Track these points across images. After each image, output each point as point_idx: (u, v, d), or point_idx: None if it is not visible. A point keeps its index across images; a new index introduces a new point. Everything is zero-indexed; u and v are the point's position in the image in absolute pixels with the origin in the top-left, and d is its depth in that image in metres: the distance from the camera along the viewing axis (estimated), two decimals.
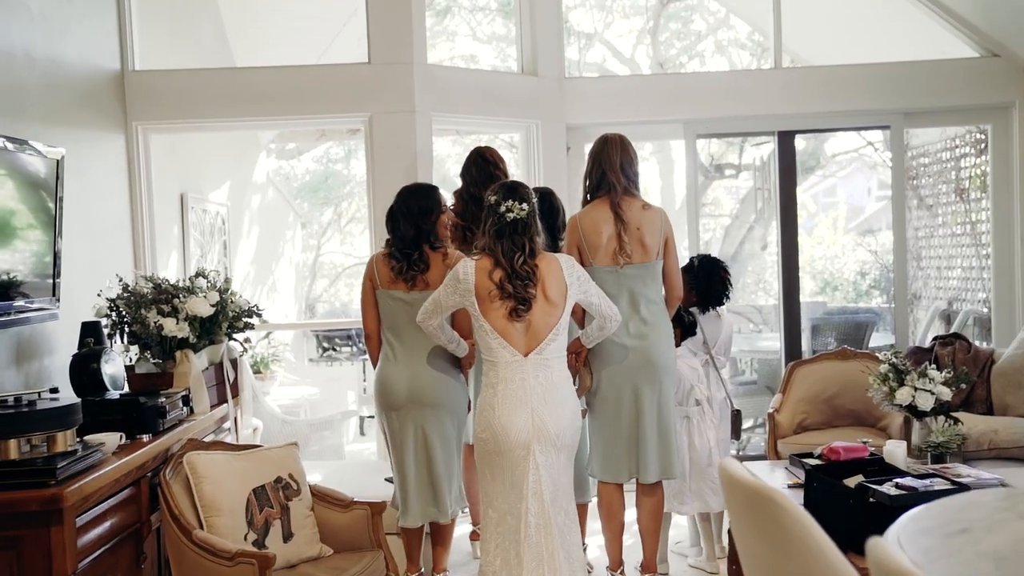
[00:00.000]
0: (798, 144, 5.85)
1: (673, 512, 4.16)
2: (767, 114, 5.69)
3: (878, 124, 6.08)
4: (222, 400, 4.16)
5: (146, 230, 4.93)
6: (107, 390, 3.48)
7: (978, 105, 5.73)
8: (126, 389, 3.71)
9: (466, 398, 3.77)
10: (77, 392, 3.46)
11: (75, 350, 3.60)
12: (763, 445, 5.90)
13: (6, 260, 3.23)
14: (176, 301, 3.81)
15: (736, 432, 4.32)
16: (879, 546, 1.19)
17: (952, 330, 6.13)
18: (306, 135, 9.31)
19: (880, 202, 11.54)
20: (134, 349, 3.86)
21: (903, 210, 5.89)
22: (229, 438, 4.12)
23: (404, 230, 3.62)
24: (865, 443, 3.68)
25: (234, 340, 4.21)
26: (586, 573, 3.51)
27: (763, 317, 8.77)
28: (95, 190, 4.44)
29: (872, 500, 3.03)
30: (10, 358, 3.48)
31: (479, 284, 3.22)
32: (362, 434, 8.43)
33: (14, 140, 3.26)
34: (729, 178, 10.48)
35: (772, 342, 7.20)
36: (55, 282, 3.54)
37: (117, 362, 3.65)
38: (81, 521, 2.68)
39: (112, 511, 2.91)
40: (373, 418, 7.04)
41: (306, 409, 6.88)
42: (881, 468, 3.40)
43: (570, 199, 5.08)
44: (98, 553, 2.79)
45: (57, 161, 3.52)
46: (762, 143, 8.54)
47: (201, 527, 3.06)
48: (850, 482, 3.19)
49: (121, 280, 3.89)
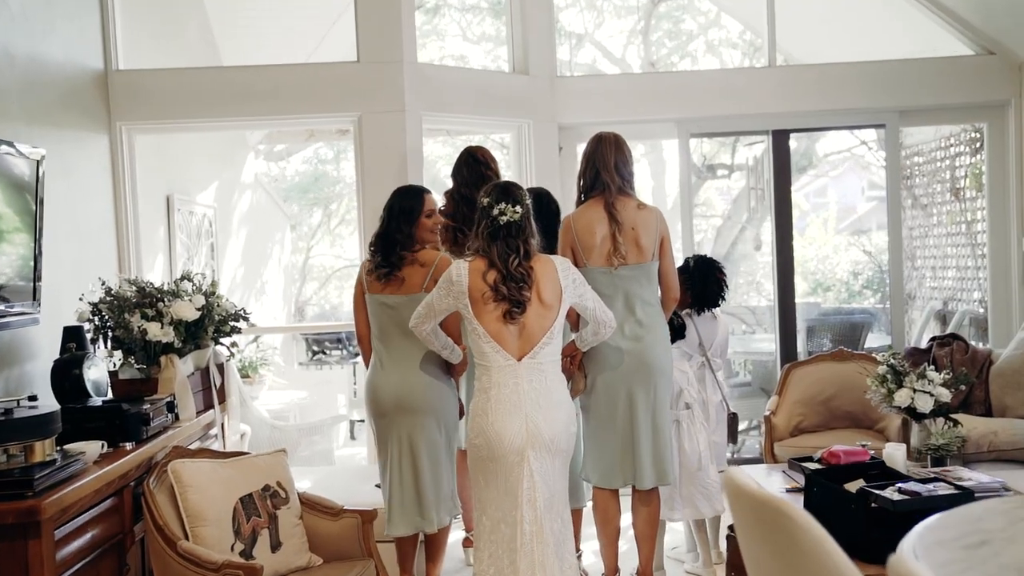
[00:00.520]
0: (791, 144, 5.79)
1: (664, 519, 4.08)
2: (761, 113, 5.63)
3: (873, 123, 6.03)
4: (208, 406, 4.08)
5: (131, 232, 4.84)
6: (90, 396, 3.39)
7: (974, 103, 5.68)
8: (109, 395, 3.62)
9: (456, 403, 3.69)
10: (59, 399, 3.36)
11: (57, 355, 3.51)
12: (758, 448, 5.85)
13: None
14: (160, 305, 3.73)
15: (733, 436, 4.25)
16: (903, 562, 1.11)
17: (948, 330, 6.09)
18: (295, 136, 9.22)
19: (872, 202, 11.53)
20: (117, 354, 3.76)
21: (898, 210, 5.84)
22: (216, 445, 4.03)
23: (385, 225, 3.63)
24: (864, 446, 3.62)
25: (220, 344, 4.12)
26: None
27: (756, 318, 8.72)
28: (79, 192, 4.34)
29: (874, 505, 2.98)
30: None
31: (472, 286, 3.14)
32: (352, 438, 8.36)
33: None
34: (721, 178, 10.45)
35: (766, 343, 7.16)
36: (36, 285, 3.44)
37: (100, 368, 3.57)
38: (61, 533, 2.60)
39: (93, 522, 2.82)
40: (363, 422, 6.97)
41: (295, 414, 6.81)
42: (882, 472, 3.34)
43: (562, 199, 4.99)
44: (79, 566, 2.71)
45: (37, 162, 3.43)
46: (755, 143, 8.49)
47: (186, 537, 2.99)
48: (851, 487, 3.13)
49: (104, 283, 3.80)
